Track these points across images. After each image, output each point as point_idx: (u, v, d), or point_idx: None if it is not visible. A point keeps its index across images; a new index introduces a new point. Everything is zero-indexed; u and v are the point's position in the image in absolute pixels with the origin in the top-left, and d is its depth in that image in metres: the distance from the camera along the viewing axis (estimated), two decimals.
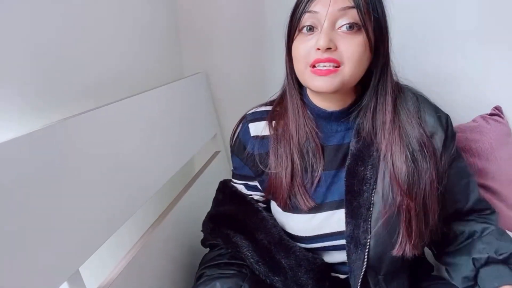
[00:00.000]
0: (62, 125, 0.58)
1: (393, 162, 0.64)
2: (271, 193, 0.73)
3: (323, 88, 0.61)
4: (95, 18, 0.80)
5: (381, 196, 0.65)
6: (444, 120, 0.68)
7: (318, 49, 0.60)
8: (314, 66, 0.61)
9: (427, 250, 0.80)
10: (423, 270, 0.79)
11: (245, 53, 1.22)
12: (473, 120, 1.05)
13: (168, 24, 1.17)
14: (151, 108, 0.85)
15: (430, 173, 0.64)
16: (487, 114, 1.04)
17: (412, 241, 0.63)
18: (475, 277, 0.69)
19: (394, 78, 0.69)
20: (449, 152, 0.68)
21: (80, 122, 0.61)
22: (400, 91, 0.69)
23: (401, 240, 0.63)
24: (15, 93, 0.60)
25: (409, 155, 0.64)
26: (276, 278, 0.69)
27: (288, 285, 0.69)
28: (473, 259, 0.69)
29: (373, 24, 0.61)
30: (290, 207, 0.71)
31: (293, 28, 0.66)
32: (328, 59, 0.60)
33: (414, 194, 0.63)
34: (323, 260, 0.71)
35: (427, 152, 0.64)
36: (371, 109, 0.67)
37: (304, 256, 0.69)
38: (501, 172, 0.97)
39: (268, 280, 0.70)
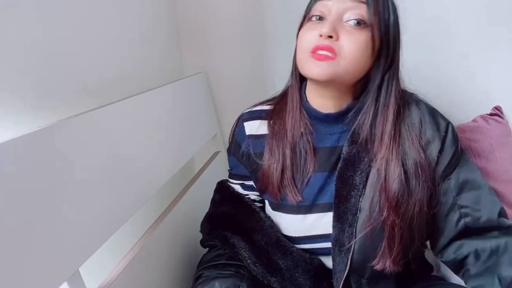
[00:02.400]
0: (62, 125, 0.58)
1: (385, 177, 0.63)
2: (263, 186, 0.73)
3: (317, 74, 0.61)
4: (95, 18, 0.80)
5: (369, 203, 0.64)
6: (443, 127, 0.66)
7: (321, 35, 0.60)
8: (313, 52, 0.61)
9: (427, 251, 0.80)
10: (423, 270, 0.79)
11: (245, 53, 1.21)
12: (473, 120, 1.05)
13: (169, 24, 1.17)
14: (151, 108, 0.85)
15: (421, 196, 0.63)
16: (487, 114, 1.04)
17: (393, 258, 0.62)
18: None
19: (401, 86, 0.67)
20: (447, 163, 0.65)
21: (80, 122, 0.61)
22: (406, 103, 0.67)
23: (382, 254, 0.63)
24: (15, 93, 0.60)
25: (402, 174, 0.62)
26: (273, 279, 0.69)
27: (285, 286, 0.69)
28: (499, 277, 0.62)
29: (381, 25, 0.61)
30: (281, 205, 0.71)
31: (304, 16, 0.66)
32: (326, 46, 0.60)
33: (401, 212, 0.62)
34: (320, 260, 0.71)
35: (421, 174, 0.63)
36: (370, 117, 0.65)
37: (301, 257, 0.69)
38: (501, 172, 0.97)
39: (265, 281, 0.70)
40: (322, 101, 0.69)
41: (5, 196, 0.46)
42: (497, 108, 1.04)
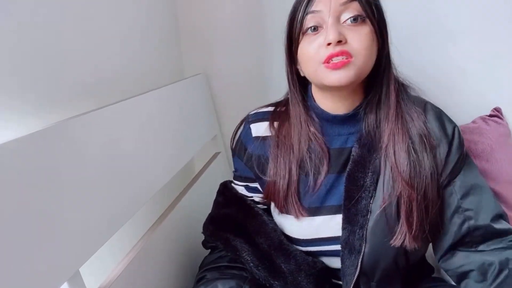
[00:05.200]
0: (62, 125, 0.58)
1: (395, 152, 0.64)
2: (268, 197, 0.73)
3: (339, 81, 0.60)
4: (95, 19, 0.80)
5: (381, 202, 0.64)
6: (450, 130, 0.66)
7: (329, 44, 0.59)
8: (327, 62, 0.60)
9: (427, 252, 0.80)
10: (424, 272, 0.79)
11: (245, 54, 1.22)
12: (473, 121, 1.05)
13: (169, 25, 1.17)
14: (151, 109, 0.85)
15: (430, 165, 0.64)
16: (486, 115, 1.05)
17: (413, 232, 0.62)
18: None
19: (394, 72, 0.68)
20: (453, 166, 0.65)
21: (80, 123, 0.61)
22: (401, 84, 0.68)
23: (401, 230, 0.63)
24: (15, 93, 0.60)
25: (410, 145, 0.64)
26: (276, 282, 0.69)
27: None
28: None
29: (376, 16, 0.62)
30: (287, 210, 0.70)
31: (295, 32, 0.64)
32: (341, 52, 0.59)
33: (416, 184, 0.63)
34: (323, 263, 0.71)
35: (427, 143, 0.64)
36: (376, 101, 0.67)
37: (304, 260, 0.69)
38: (501, 173, 0.97)
39: (268, 284, 0.70)
40: (332, 104, 0.68)
41: (6, 197, 0.46)
42: (497, 109, 1.05)
